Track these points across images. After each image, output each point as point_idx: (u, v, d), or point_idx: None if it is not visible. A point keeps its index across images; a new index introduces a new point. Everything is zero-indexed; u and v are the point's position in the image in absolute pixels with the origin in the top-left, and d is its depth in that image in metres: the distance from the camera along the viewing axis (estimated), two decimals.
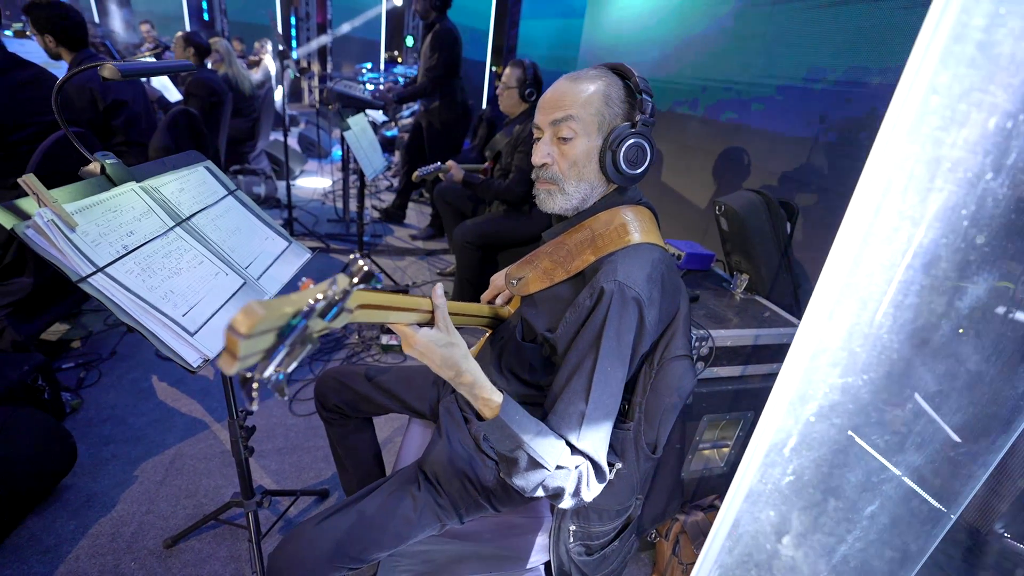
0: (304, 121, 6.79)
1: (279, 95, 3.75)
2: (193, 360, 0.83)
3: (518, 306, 1.03)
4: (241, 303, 0.99)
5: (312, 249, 1.27)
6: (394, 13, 9.42)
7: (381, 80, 7.12)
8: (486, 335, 1.11)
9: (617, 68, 0.89)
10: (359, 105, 2.86)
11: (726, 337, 1.26)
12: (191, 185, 1.07)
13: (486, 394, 0.76)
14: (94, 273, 0.79)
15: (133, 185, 0.94)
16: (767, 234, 1.47)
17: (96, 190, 0.88)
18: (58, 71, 2.30)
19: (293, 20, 8.99)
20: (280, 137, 3.68)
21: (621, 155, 0.85)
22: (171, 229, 0.96)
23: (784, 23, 1.97)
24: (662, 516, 1.31)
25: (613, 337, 0.78)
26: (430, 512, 0.94)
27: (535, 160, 0.90)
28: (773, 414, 0.49)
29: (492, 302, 1.12)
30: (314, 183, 4.88)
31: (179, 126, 2.45)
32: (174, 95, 4.04)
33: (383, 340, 2.38)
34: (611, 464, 0.91)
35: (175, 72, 1.04)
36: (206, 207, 1.07)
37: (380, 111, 5.59)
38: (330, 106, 3.15)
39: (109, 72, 0.81)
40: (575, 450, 0.78)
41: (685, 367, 0.87)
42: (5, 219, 0.76)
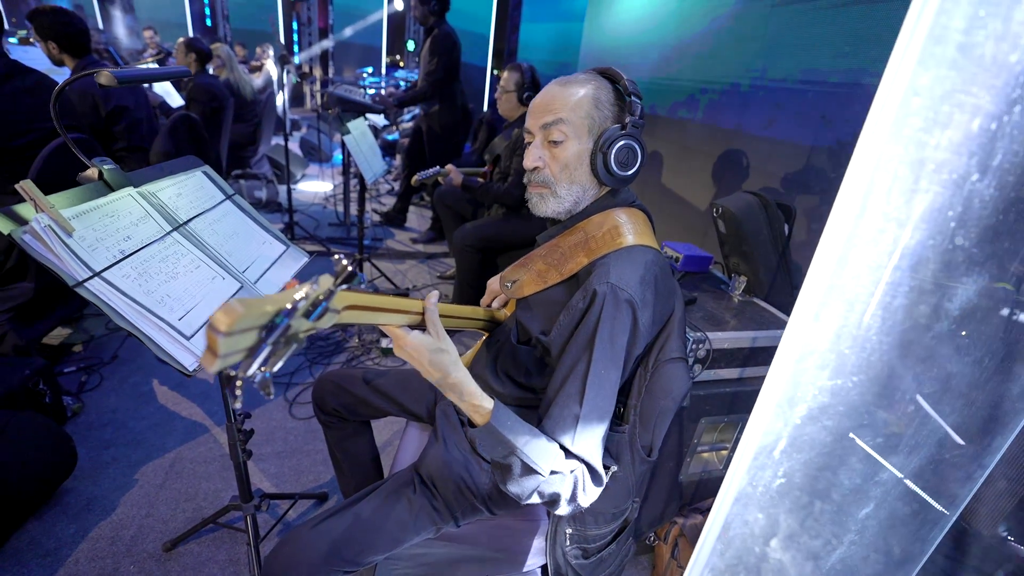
0: (306, 125, 6.82)
1: (281, 100, 3.76)
2: (189, 364, 0.83)
3: (514, 309, 1.04)
4: None
5: (313, 253, 1.28)
6: (395, 18, 9.47)
7: (382, 84, 7.15)
8: (482, 338, 1.11)
9: (606, 72, 0.89)
10: (359, 109, 2.87)
11: (723, 339, 1.26)
12: (189, 190, 1.08)
13: (476, 400, 0.75)
14: (91, 278, 0.80)
15: (131, 190, 0.95)
16: (764, 236, 1.47)
17: (94, 195, 0.89)
18: (60, 78, 2.32)
19: (295, 25, 9.04)
20: (282, 142, 3.69)
21: (612, 157, 0.85)
22: (168, 234, 0.96)
23: (783, 25, 1.97)
24: (660, 519, 1.31)
25: (607, 339, 0.78)
26: (426, 515, 0.94)
27: (526, 164, 0.91)
28: (761, 416, 0.49)
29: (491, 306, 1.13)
30: (315, 187, 4.90)
31: (180, 131, 2.46)
32: (176, 100, 4.07)
33: (383, 343, 2.39)
34: (606, 467, 0.91)
35: (172, 78, 1.05)
36: (203, 211, 1.08)
37: (381, 115, 5.61)
38: (330, 110, 3.16)
39: (106, 79, 0.82)
40: (570, 454, 0.77)
41: (680, 370, 0.87)
42: (3, 224, 0.77)
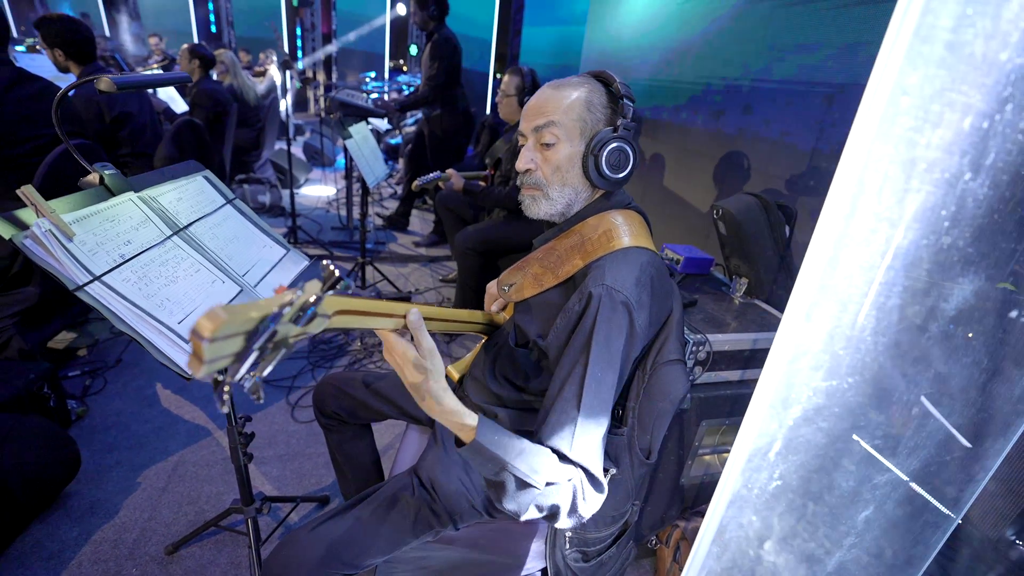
0: (309, 130, 6.86)
1: (284, 105, 3.79)
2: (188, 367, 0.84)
3: (512, 312, 1.04)
4: None
5: (317, 257, 1.28)
6: (398, 23, 9.52)
7: (385, 89, 7.18)
8: (481, 341, 1.11)
9: (600, 75, 0.90)
10: (361, 114, 2.88)
11: (724, 341, 1.25)
12: (189, 194, 1.09)
13: (458, 418, 0.73)
14: (91, 282, 0.80)
15: (131, 195, 0.96)
16: (765, 237, 1.47)
17: (94, 200, 0.90)
18: (65, 85, 2.35)
19: (299, 31, 9.11)
20: (285, 146, 3.72)
21: (603, 159, 0.85)
22: (168, 238, 0.97)
23: (784, 25, 1.97)
24: (661, 522, 1.30)
25: (603, 342, 0.78)
26: (425, 518, 0.94)
27: (518, 166, 0.91)
28: (755, 418, 0.48)
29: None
30: (318, 191, 4.92)
31: (184, 137, 2.48)
32: (181, 106, 4.10)
33: None
34: (606, 470, 0.91)
35: (171, 84, 1.06)
36: (204, 216, 1.09)
37: (384, 119, 5.64)
38: (332, 115, 3.18)
39: (105, 85, 0.83)
40: (568, 461, 0.75)
41: (678, 372, 0.87)
42: (4, 229, 0.77)
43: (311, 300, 0.45)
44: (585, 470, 0.77)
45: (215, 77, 3.78)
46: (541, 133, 0.88)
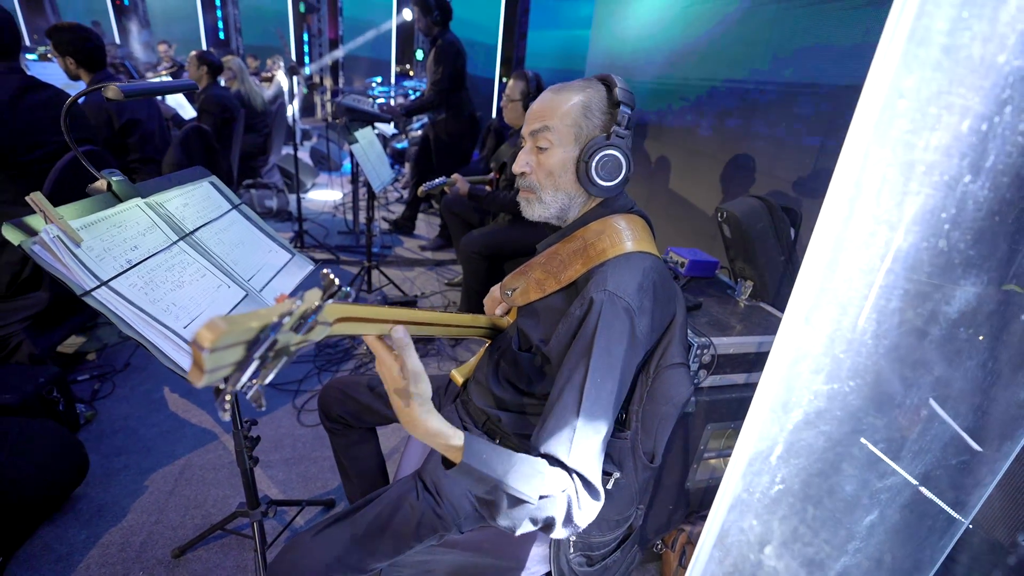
0: (316, 135, 6.91)
1: (291, 110, 3.82)
2: None
3: (516, 316, 1.04)
4: None
5: (323, 261, 1.29)
6: (404, 27, 9.58)
7: (391, 93, 7.22)
8: (485, 345, 1.11)
9: (604, 79, 0.90)
10: (367, 119, 2.90)
11: (728, 344, 1.25)
12: (195, 200, 1.10)
13: (445, 440, 0.69)
14: (98, 287, 0.81)
15: (138, 201, 0.97)
16: (770, 240, 1.46)
17: (102, 206, 0.91)
18: (74, 92, 2.38)
19: (306, 37, 9.19)
20: (292, 151, 3.75)
21: (593, 166, 0.85)
22: (175, 243, 0.98)
23: (790, 25, 1.96)
24: (667, 526, 1.30)
25: (603, 348, 0.77)
26: (428, 522, 0.94)
27: (514, 168, 0.92)
28: (755, 422, 0.48)
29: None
30: (325, 196, 4.95)
31: (192, 143, 2.51)
32: (189, 112, 4.15)
33: None
34: (609, 474, 0.91)
35: (178, 92, 1.07)
36: (210, 221, 1.10)
37: (390, 124, 5.67)
38: (338, 120, 3.20)
39: (113, 93, 0.84)
40: (565, 467, 0.74)
41: (681, 375, 0.87)
42: (14, 236, 0.79)
43: (311, 309, 0.45)
44: (582, 477, 0.75)
45: (223, 83, 3.82)
46: (537, 137, 0.89)
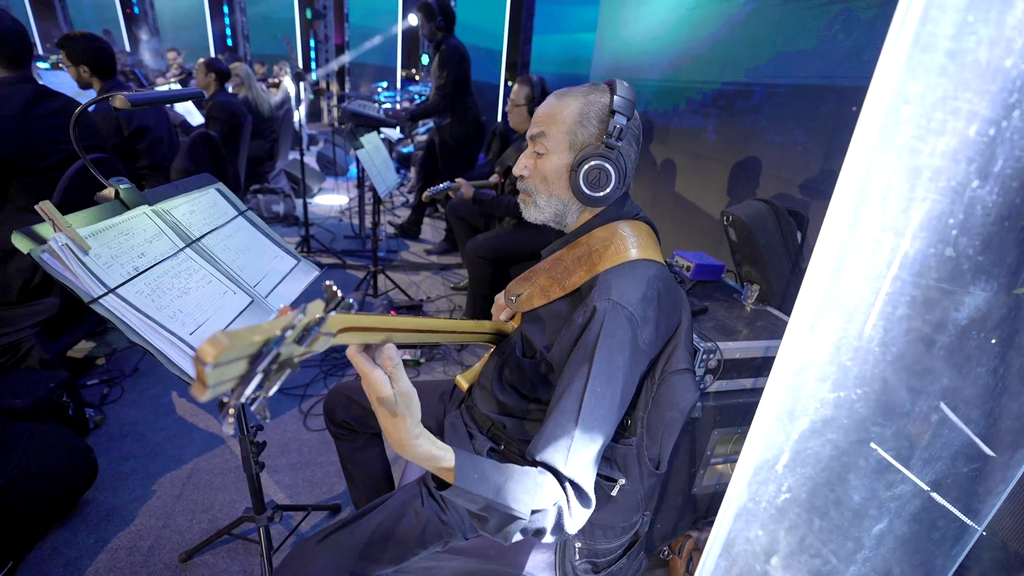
0: (323, 140, 6.95)
1: (298, 116, 3.85)
2: None
3: (520, 322, 1.04)
4: (249, 321, 1.02)
5: (329, 266, 1.30)
6: (410, 33, 9.64)
7: (397, 98, 7.25)
8: (490, 351, 1.11)
9: (610, 84, 0.88)
10: (372, 124, 2.92)
11: (735, 349, 1.24)
12: (202, 207, 1.11)
13: (436, 463, 0.69)
14: (105, 294, 0.82)
15: (145, 208, 0.98)
16: (776, 244, 1.45)
17: (110, 214, 0.92)
18: (85, 100, 2.42)
19: (313, 43, 9.27)
20: (299, 156, 3.77)
21: (581, 177, 0.85)
22: (181, 250, 0.99)
23: (796, 25, 1.95)
24: (673, 533, 1.29)
25: (604, 357, 0.77)
26: (433, 528, 0.94)
27: (514, 171, 0.93)
28: (761, 430, 0.48)
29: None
30: (331, 200, 4.98)
31: (199, 149, 2.54)
32: (197, 119, 4.19)
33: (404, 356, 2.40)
34: (614, 480, 0.90)
35: (183, 100, 1.08)
36: (216, 228, 1.10)
37: (396, 128, 5.69)
38: (344, 125, 3.22)
39: (120, 103, 0.85)
40: (561, 476, 0.74)
41: (687, 381, 0.86)
42: (23, 244, 0.80)
43: (314, 321, 0.45)
44: (576, 486, 0.75)
45: (230, 90, 3.86)
46: (535, 142, 0.90)
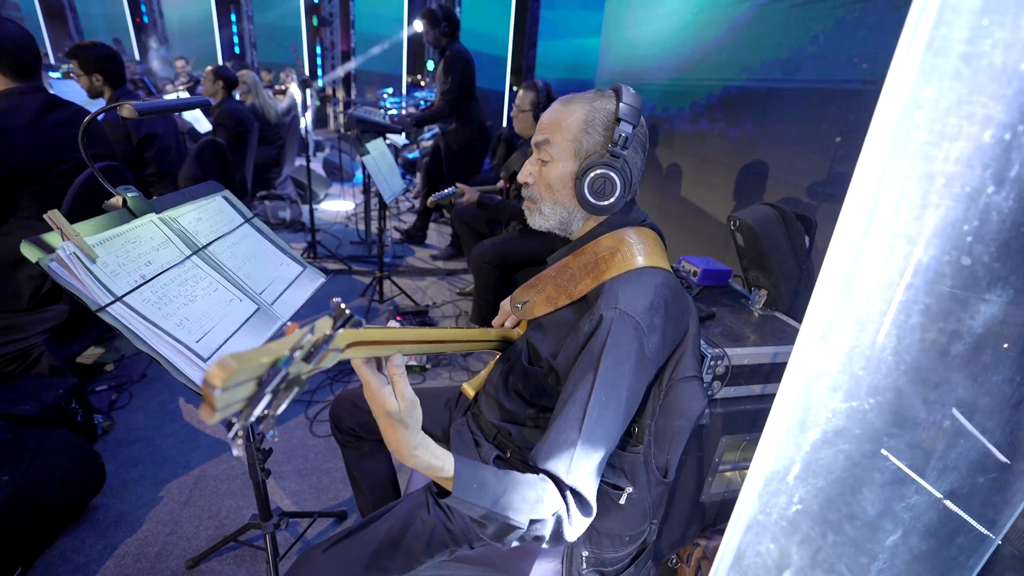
0: (329, 146, 6.99)
1: (304, 123, 3.88)
2: None
3: (526, 329, 1.03)
4: (255, 328, 1.02)
5: (336, 272, 1.30)
6: (415, 39, 9.70)
7: (402, 104, 7.29)
8: (496, 357, 1.11)
9: (616, 90, 0.87)
10: (378, 130, 2.93)
11: (743, 355, 1.22)
12: (208, 214, 1.11)
13: (436, 473, 0.69)
14: (112, 303, 0.82)
15: (152, 216, 0.98)
16: (784, 248, 1.44)
17: (117, 222, 0.92)
18: (94, 109, 2.45)
19: (319, 50, 9.35)
20: (305, 163, 3.80)
21: (586, 185, 0.84)
22: (188, 258, 0.99)
23: (804, 24, 1.94)
24: (681, 541, 1.27)
25: (610, 366, 0.76)
26: (440, 537, 0.94)
27: (519, 178, 0.93)
28: (771, 441, 0.47)
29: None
30: (337, 206, 5.00)
31: (207, 156, 2.56)
32: (205, 126, 4.22)
33: (411, 362, 2.40)
34: (621, 489, 0.89)
35: (190, 109, 1.09)
36: (222, 235, 1.11)
37: (401, 134, 5.72)
38: (350, 132, 3.24)
39: (127, 112, 0.85)
40: (562, 485, 0.74)
41: (694, 388, 0.85)
42: (32, 253, 0.80)
43: (322, 339, 0.45)
44: (577, 494, 0.75)
45: (238, 97, 3.89)
46: (540, 149, 0.89)
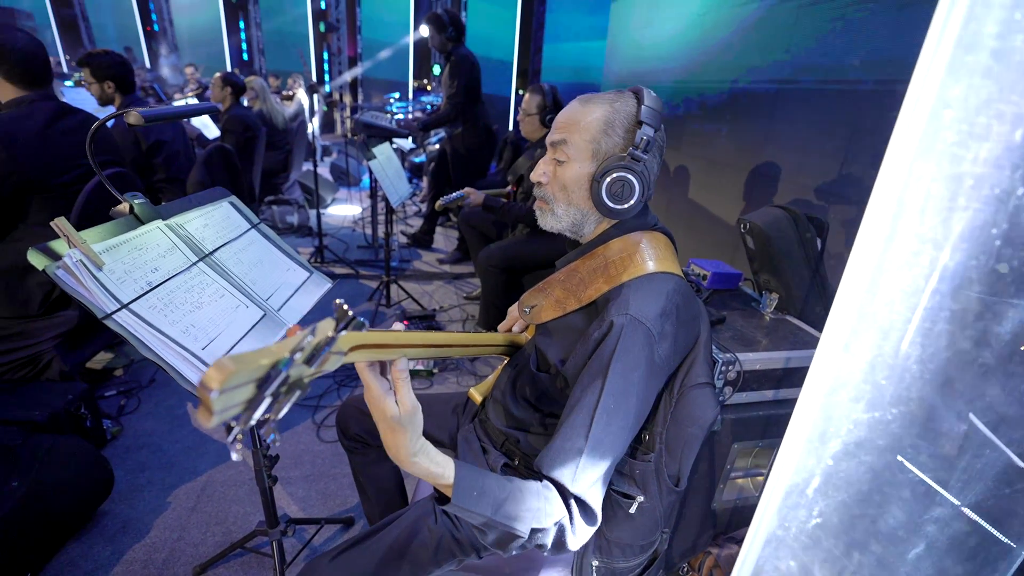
0: (336, 151, 7.03)
1: (311, 127, 3.90)
2: None
3: (534, 333, 1.02)
4: (261, 334, 1.01)
5: (343, 276, 1.29)
6: (422, 44, 9.74)
7: (409, 108, 7.31)
8: (503, 362, 1.09)
9: (636, 92, 0.85)
10: (384, 135, 2.93)
11: (755, 360, 1.20)
12: (215, 220, 1.11)
13: (436, 480, 0.68)
14: (119, 310, 0.82)
15: (159, 223, 0.98)
16: (795, 251, 1.41)
17: (124, 229, 0.92)
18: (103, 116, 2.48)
19: (326, 56, 9.42)
20: (312, 167, 3.81)
21: (603, 188, 0.83)
22: (194, 264, 0.99)
23: (813, 25, 1.92)
24: (693, 549, 1.25)
25: (619, 373, 0.75)
26: (447, 546, 0.92)
27: (532, 177, 0.91)
28: (790, 453, 0.45)
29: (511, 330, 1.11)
30: (345, 211, 5.02)
31: (215, 162, 2.57)
32: (213, 132, 4.25)
33: (418, 366, 2.39)
34: (632, 498, 0.87)
35: (197, 115, 1.09)
36: (229, 241, 1.10)
37: (408, 139, 5.73)
38: (357, 136, 3.24)
39: (134, 119, 0.85)
40: (567, 493, 0.73)
41: (706, 395, 0.83)
42: (38, 260, 0.80)
43: (324, 341, 0.44)
44: (582, 503, 0.73)
45: (246, 103, 3.91)
46: (556, 149, 0.87)
